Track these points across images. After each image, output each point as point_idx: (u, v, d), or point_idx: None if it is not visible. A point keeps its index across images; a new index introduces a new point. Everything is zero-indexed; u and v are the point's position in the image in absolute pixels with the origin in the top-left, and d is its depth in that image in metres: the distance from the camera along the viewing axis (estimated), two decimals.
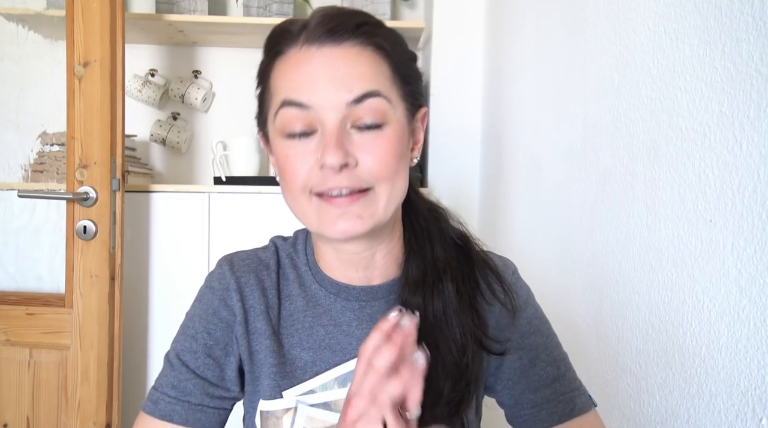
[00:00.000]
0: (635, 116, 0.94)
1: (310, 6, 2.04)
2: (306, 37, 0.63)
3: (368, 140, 0.62)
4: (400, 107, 0.66)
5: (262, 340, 0.70)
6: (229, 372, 0.72)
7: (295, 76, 0.63)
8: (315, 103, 0.61)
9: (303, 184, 0.63)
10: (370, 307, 0.71)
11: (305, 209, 0.65)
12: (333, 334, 0.70)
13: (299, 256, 0.74)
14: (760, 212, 0.66)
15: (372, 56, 0.64)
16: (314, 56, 0.62)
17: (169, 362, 0.72)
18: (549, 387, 0.73)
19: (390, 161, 0.63)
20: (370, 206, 0.63)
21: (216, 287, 0.72)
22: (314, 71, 0.62)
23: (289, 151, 0.64)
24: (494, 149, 1.77)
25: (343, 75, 0.62)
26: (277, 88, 0.65)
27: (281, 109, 0.63)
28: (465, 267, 0.73)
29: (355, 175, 0.62)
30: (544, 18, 1.39)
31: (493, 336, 0.71)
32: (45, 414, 1.55)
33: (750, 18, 0.68)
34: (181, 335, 0.73)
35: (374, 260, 0.71)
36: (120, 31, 1.55)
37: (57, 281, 1.69)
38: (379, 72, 0.64)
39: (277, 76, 0.65)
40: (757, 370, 0.67)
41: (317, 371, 0.69)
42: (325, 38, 0.62)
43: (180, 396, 0.70)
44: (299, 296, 0.72)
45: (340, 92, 0.61)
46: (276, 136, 0.65)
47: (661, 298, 0.86)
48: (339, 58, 0.62)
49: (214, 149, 1.85)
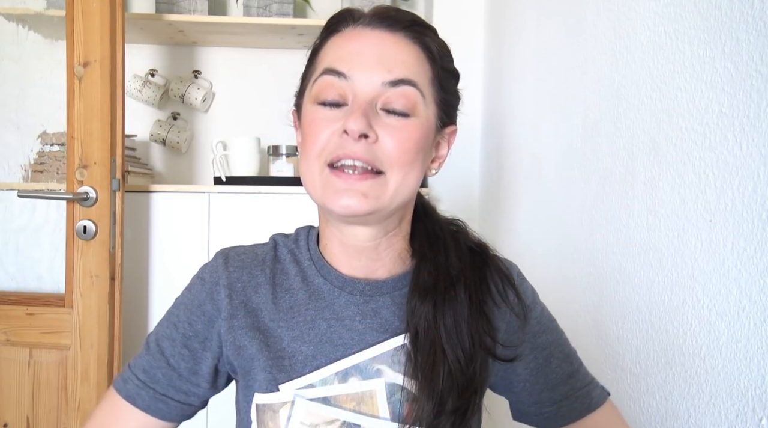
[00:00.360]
0: (635, 116, 0.94)
1: (311, 6, 2.04)
2: (363, 21, 0.67)
3: (393, 123, 0.64)
4: (431, 107, 0.67)
5: (252, 335, 0.70)
6: (203, 367, 0.72)
7: (343, 48, 0.66)
8: (353, 75, 0.63)
9: (320, 148, 0.64)
10: (374, 302, 0.71)
11: (314, 176, 0.65)
12: (335, 328, 0.70)
13: (301, 251, 0.74)
14: (760, 212, 0.66)
15: (418, 53, 0.66)
16: (365, 34, 0.66)
17: (147, 344, 0.74)
18: (566, 384, 0.75)
19: (409, 149, 0.64)
20: (377, 188, 0.63)
21: (206, 279, 0.73)
22: (361, 47, 0.65)
23: (316, 116, 0.65)
24: (494, 149, 1.77)
25: (387, 57, 0.64)
26: (322, 59, 0.68)
27: (321, 76, 0.65)
28: (479, 274, 0.73)
29: (372, 150, 0.63)
30: (544, 18, 1.39)
31: (503, 340, 0.71)
32: (45, 414, 1.55)
33: (750, 18, 0.68)
34: (166, 320, 0.74)
35: (377, 251, 0.71)
36: (120, 31, 1.55)
37: (57, 281, 1.69)
38: (420, 68, 0.66)
39: (326, 50, 0.68)
40: (757, 370, 0.67)
41: (317, 365, 0.69)
42: (379, 24, 0.66)
43: (148, 382, 0.71)
44: (301, 290, 0.72)
45: (380, 71, 0.63)
46: (308, 103, 0.67)
47: (661, 298, 0.86)
48: (387, 42, 0.65)
49: (214, 149, 1.85)
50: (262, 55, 2.10)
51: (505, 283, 0.73)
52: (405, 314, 0.70)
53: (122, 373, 0.73)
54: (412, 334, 0.68)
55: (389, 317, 0.70)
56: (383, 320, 0.70)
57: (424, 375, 0.67)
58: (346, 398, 0.68)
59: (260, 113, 2.07)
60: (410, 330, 0.69)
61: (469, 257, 0.73)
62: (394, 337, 0.69)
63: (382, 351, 0.69)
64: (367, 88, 0.63)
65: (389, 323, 0.70)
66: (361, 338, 0.69)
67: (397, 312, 0.70)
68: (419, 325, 0.68)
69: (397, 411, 0.68)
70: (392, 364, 0.69)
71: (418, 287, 0.70)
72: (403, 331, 0.69)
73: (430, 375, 0.66)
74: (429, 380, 0.66)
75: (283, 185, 1.80)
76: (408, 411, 0.68)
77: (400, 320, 0.70)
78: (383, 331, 0.70)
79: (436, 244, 0.73)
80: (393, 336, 0.70)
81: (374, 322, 0.70)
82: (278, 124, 2.30)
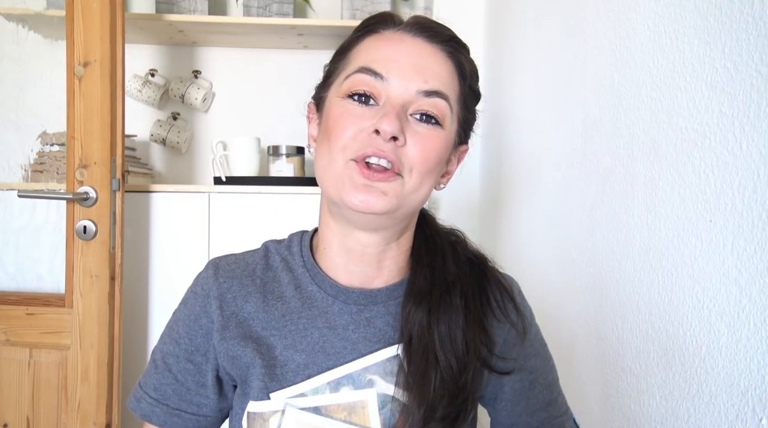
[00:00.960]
0: (635, 116, 0.94)
1: (311, 6, 2.04)
2: (403, 26, 0.68)
3: (422, 130, 0.64)
4: (454, 124, 0.68)
5: (245, 344, 0.69)
6: (209, 379, 0.73)
7: (382, 50, 0.66)
8: (390, 78, 0.64)
9: (346, 143, 0.63)
10: (368, 311, 0.70)
11: (335, 168, 0.64)
12: (327, 337, 0.69)
13: (294, 258, 0.74)
14: (760, 212, 0.66)
15: (452, 69, 0.68)
16: (406, 40, 0.66)
17: (154, 362, 0.74)
18: (545, 411, 0.75)
19: (431, 159, 0.65)
20: (396, 187, 0.63)
21: (198, 293, 0.73)
22: (401, 52, 0.65)
23: (345, 110, 0.65)
24: (494, 149, 1.77)
25: (425, 66, 0.65)
26: (358, 55, 0.67)
27: (356, 73, 0.65)
28: (477, 284, 0.73)
29: (398, 152, 0.63)
30: (544, 18, 1.39)
31: (499, 353, 0.71)
32: (45, 414, 1.55)
33: (750, 18, 0.68)
34: (167, 336, 0.75)
35: (380, 259, 0.70)
36: (120, 31, 1.55)
37: (57, 281, 1.68)
38: (452, 83, 0.67)
39: (362, 48, 0.68)
40: (757, 370, 0.67)
41: (309, 374, 0.68)
42: (420, 32, 0.67)
43: (160, 399, 0.73)
44: (294, 298, 0.71)
45: (416, 79, 0.64)
46: (336, 96, 0.67)
47: (661, 298, 0.86)
48: (425, 52, 0.66)
49: (214, 149, 1.85)
50: (262, 55, 2.10)
51: (504, 296, 0.73)
52: (399, 321, 0.69)
53: (134, 392, 0.75)
54: (406, 340, 0.68)
55: (383, 326, 0.70)
56: (377, 329, 0.70)
57: (415, 380, 0.66)
58: (337, 408, 0.67)
59: (260, 113, 2.07)
60: (404, 335, 0.68)
61: (468, 267, 0.73)
62: (387, 347, 0.69)
63: (374, 361, 0.68)
64: (401, 93, 0.64)
65: (383, 332, 0.70)
66: (354, 347, 0.69)
67: (391, 322, 0.70)
68: (413, 331, 0.68)
69: (389, 422, 0.67)
70: (384, 374, 0.68)
71: (413, 292, 0.70)
72: (396, 341, 0.69)
73: (421, 381, 0.66)
74: (420, 386, 0.66)
75: (283, 185, 1.80)
76: (399, 423, 0.67)
77: (394, 329, 0.70)
78: (376, 341, 0.69)
79: (434, 251, 0.73)
80: (386, 345, 0.69)
81: (368, 332, 0.70)
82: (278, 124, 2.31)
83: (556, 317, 1.21)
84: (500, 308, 0.72)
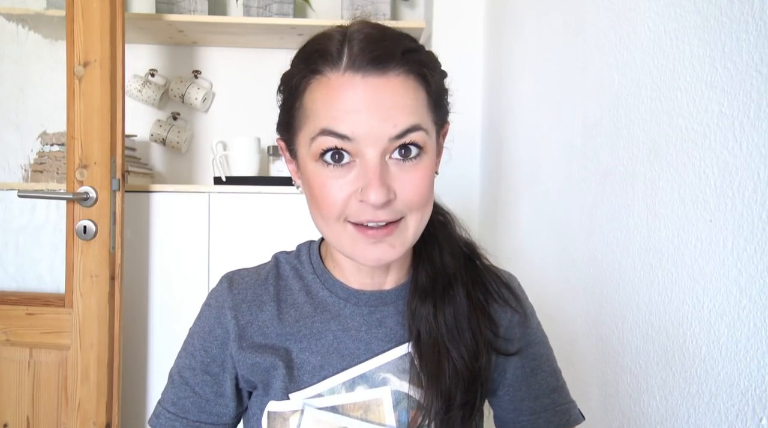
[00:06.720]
0: (635, 116, 0.94)
1: (311, 6, 2.04)
2: (349, 63, 0.60)
3: (407, 170, 0.62)
4: (432, 132, 0.65)
5: (262, 351, 0.71)
6: (227, 388, 0.73)
7: (337, 105, 0.60)
8: (357, 136, 0.59)
9: (339, 213, 0.63)
10: (379, 312, 0.73)
11: (338, 234, 0.64)
12: (341, 339, 0.71)
13: (304, 266, 0.76)
14: (760, 212, 0.66)
15: (414, 86, 0.62)
16: (358, 85, 0.59)
17: (171, 378, 0.75)
18: (548, 397, 0.77)
19: (424, 191, 0.63)
20: (401, 235, 0.64)
21: (213, 305, 0.74)
22: (358, 102, 0.59)
23: (326, 179, 0.62)
24: (494, 150, 1.77)
25: (388, 107, 0.59)
26: (315, 111, 0.62)
27: (320, 136, 0.61)
28: (473, 273, 0.75)
29: (392, 208, 0.62)
30: (544, 18, 1.39)
31: (505, 335, 0.74)
32: (45, 414, 1.55)
33: (750, 18, 0.68)
34: (183, 351, 0.76)
35: (389, 267, 0.73)
36: (120, 31, 1.55)
37: (57, 281, 1.69)
38: (419, 102, 0.62)
39: (315, 98, 0.62)
40: (757, 370, 0.67)
41: (325, 375, 0.70)
42: (369, 67, 0.59)
43: (179, 413, 0.73)
44: (306, 303, 0.73)
45: (384, 126, 0.59)
46: (310, 159, 0.63)
47: (661, 298, 0.86)
48: (384, 90, 0.60)
49: (214, 149, 1.85)
50: (262, 55, 2.10)
51: (498, 282, 0.75)
52: (407, 319, 0.71)
53: (154, 410, 0.75)
54: (415, 336, 0.70)
55: (394, 326, 0.72)
56: (388, 329, 0.72)
57: (430, 374, 0.68)
58: (353, 406, 0.69)
59: (260, 113, 2.07)
60: (413, 332, 0.70)
61: (462, 255, 0.75)
62: (399, 346, 0.71)
63: (387, 360, 0.71)
64: (374, 148, 0.60)
65: (394, 332, 0.72)
66: (367, 347, 0.71)
67: (401, 321, 0.72)
68: (421, 326, 0.70)
69: (403, 418, 0.70)
70: (398, 372, 0.70)
71: (417, 289, 0.72)
72: (407, 339, 0.71)
73: (436, 374, 0.68)
74: (436, 378, 0.68)
75: (283, 185, 1.80)
76: (413, 419, 0.69)
77: (404, 328, 0.72)
78: (388, 340, 0.71)
79: (430, 241, 0.74)
80: (398, 344, 0.71)
81: (379, 332, 0.72)
82: None
83: (556, 317, 1.21)
84: (498, 293, 0.75)
